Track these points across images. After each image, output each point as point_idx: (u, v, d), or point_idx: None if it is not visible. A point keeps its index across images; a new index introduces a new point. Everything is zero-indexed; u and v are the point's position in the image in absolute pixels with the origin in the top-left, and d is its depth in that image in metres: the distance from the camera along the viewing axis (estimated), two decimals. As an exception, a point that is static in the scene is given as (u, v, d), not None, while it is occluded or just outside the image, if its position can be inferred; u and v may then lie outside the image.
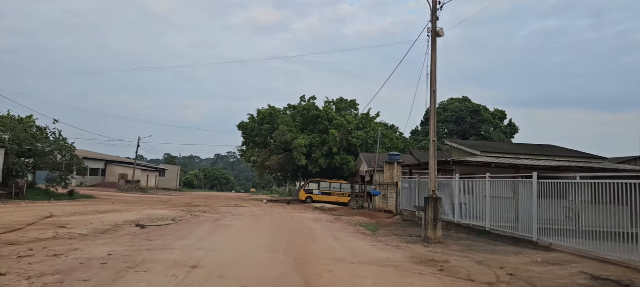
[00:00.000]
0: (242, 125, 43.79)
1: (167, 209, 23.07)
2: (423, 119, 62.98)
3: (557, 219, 10.75)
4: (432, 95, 13.12)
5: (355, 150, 39.90)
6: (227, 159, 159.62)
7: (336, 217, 22.11)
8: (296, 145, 38.25)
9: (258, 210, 25.84)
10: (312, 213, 25.20)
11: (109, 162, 60.99)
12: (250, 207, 28.69)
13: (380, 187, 26.32)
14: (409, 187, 20.30)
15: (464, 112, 57.59)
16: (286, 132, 39.12)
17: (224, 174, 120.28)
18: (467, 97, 60.16)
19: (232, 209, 26.36)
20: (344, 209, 32.58)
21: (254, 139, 43.59)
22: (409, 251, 10.34)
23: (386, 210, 24.11)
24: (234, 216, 19.97)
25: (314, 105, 42.46)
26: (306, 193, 41.37)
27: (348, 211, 29.09)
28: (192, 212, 20.62)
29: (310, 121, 42.15)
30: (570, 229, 10.41)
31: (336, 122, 39.50)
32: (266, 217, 20.36)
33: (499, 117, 58.09)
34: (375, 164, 28.72)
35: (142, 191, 49.18)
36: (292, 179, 49.66)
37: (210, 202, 34.81)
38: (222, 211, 22.85)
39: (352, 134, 39.50)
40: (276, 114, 43.16)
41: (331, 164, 39.54)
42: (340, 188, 41.45)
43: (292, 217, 20.75)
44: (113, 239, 10.28)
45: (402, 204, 21.18)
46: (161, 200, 34.18)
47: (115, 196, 36.08)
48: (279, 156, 40.44)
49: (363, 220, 20.56)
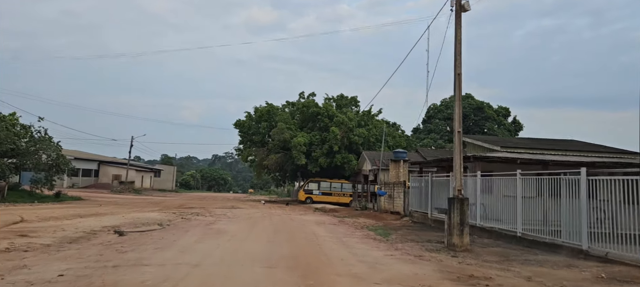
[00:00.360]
0: (239, 124, 41.99)
1: (158, 211, 21.30)
2: (425, 117, 61.31)
3: (593, 222, 9.15)
4: (457, 79, 11.42)
5: (357, 148, 38.18)
6: (225, 160, 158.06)
7: (340, 220, 20.38)
8: (295, 143, 36.50)
9: (255, 212, 24.11)
10: (313, 215, 23.47)
11: (102, 163, 59.11)
12: (247, 209, 26.95)
13: (385, 187, 24.60)
14: (419, 187, 18.58)
15: (467, 109, 55.82)
16: (285, 130, 37.36)
17: (222, 175, 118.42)
18: (470, 94, 58.44)
19: (227, 211, 24.62)
20: (346, 210, 30.86)
21: (251, 138, 41.79)
22: (436, 263, 8.59)
23: (393, 211, 22.39)
24: (229, 219, 18.21)
25: (314, 102, 40.70)
26: (306, 194, 39.64)
27: (351, 212, 27.37)
28: (184, 215, 18.86)
29: (310, 119, 40.39)
30: (606, 232, 8.84)
31: (337, 119, 37.76)
32: (264, 220, 18.61)
33: (503, 114, 56.46)
34: (380, 162, 27.02)
35: (135, 192, 47.34)
36: (291, 179, 47.93)
37: (205, 203, 33.08)
38: (216, 214, 21.08)
39: (353, 131, 37.76)
40: (274, 112, 41.39)
41: (332, 163, 37.80)
42: (342, 188, 39.73)
43: (293, 220, 19.00)
44: (79, 252, 8.50)
45: (412, 205, 19.46)
46: (154, 202, 32.38)
47: (105, 198, 34.26)
48: (277, 155, 38.69)
49: (369, 222, 18.84)
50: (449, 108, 58.18)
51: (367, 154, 30.23)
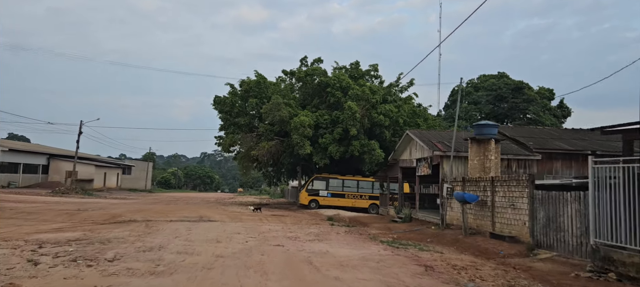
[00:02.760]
0: (218, 102, 31.08)
1: (71, 228, 10.82)
2: (448, 101, 50.95)
3: None
4: None
5: (382, 133, 27.62)
6: (214, 158, 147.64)
7: (396, 249, 9.97)
8: (296, 124, 25.84)
9: (232, 228, 13.50)
10: (336, 237, 12.88)
11: (53, 156, 47.91)
12: (222, 222, 16.32)
13: (469, 187, 13.92)
14: (623, 186, 7.59)
15: (503, 90, 45.63)
16: (282, 106, 26.68)
17: (208, 173, 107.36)
18: (504, 73, 48.26)
19: (191, 225, 14.03)
20: (377, 222, 20.34)
21: (235, 121, 30.91)
22: None
23: (495, 233, 11.72)
24: (159, 255, 7.66)
25: (321, 70, 29.96)
26: (310, 195, 29.08)
27: (387, 227, 16.89)
28: (81, 242, 8.40)
29: (316, 93, 29.76)
30: None
31: (353, 92, 27.16)
32: (237, 259, 8.02)
33: (547, 96, 46.22)
34: (453, 143, 16.43)
35: (85, 193, 36.34)
36: (288, 175, 37.13)
37: (166, 210, 22.42)
38: (159, 234, 10.71)
39: (377, 108, 27.19)
40: (266, 85, 30.59)
41: (347, 153, 27.24)
42: (358, 187, 29.23)
43: (311, 262, 8.38)
44: None
45: (606, 229, 8.71)
46: (88, 208, 21.62)
47: (26, 203, 23.51)
48: (271, 142, 28.02)
49: (478, 262, 8.43)
50: (478, 90, 47.89)
51: (415, 134, 19.40)
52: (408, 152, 20.09)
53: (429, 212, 18.47)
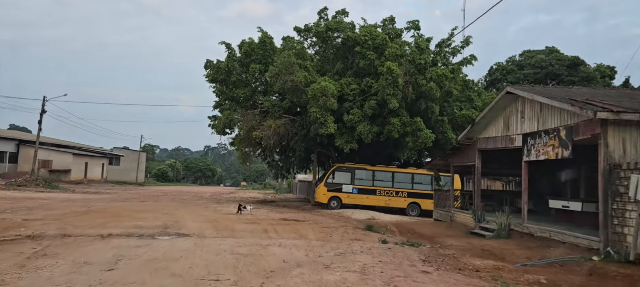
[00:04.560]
0: (211, 67, 23.70)
1: None
2: (487, 81, 43.35)
3: None
4: None
5: (428, 109, 20.32)
6: (218, 151, 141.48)
7: None
8: (316, 92, 18.59)
9: (207, 257, 6.36)
10: (407, 264, 5.77)
11: (23, 142, 40.96)
12: (199, 237, 9.05)
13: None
14: None
15: (555, 66, 38.12)
16: (295, 67, 19.43)
17: (209, 165, 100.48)
18: (555, 48, 40.75)
19: (131, 251, 6.59)
20: (443, 232, 13.23)
21: (232, 94, 23.68)
22: None
23: None
24: None
25: (346, 24, 22.52)
26: (330, 191, 21.87)
27: (469, 241, 9.79)
28: None
29: (339, 55, 22.46)
30: None
31: (391, 51, 19.83)
32: None
33: (608, 74, 38.61)
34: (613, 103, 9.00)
35: (48, 186, 29.33)
36: (300, 165, 29.88)
37: (130, 210, 15.35)
38: None
39: (425, 74, 19.83)
40: (273, 48, 23.29)
41: (381, 135, 20.04)
42: (393, 181, 22.04)
43: None
44: None
45: None
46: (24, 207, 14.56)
47: None
48: (278, 121, 20.86)
49: None
50: (523, 68, 40.34)
51: (529, 90, 11.33)
52: (501, 124, 12.69)
53: (538, 222, 11.26)
